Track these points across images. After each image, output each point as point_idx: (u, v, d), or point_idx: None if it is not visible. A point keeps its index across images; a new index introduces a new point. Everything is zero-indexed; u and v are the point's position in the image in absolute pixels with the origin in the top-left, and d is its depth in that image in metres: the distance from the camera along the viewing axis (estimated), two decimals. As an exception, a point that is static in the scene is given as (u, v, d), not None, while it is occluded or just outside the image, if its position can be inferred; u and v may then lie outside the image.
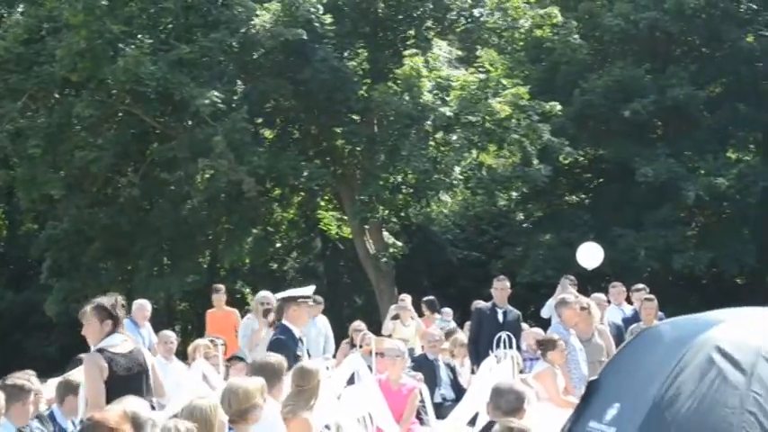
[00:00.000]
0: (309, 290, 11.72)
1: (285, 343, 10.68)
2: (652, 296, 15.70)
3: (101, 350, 8.76)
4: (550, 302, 16.97)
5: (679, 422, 4.64)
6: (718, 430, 4.58)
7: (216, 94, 27.09)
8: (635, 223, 33.55)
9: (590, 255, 18.72)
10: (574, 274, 18.47)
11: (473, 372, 14.60)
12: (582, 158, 37.43)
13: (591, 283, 24.31)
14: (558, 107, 31.50)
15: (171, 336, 14.78)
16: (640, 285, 16.97)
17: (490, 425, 6.68)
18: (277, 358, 9.69)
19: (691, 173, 33.28)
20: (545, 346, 13.15)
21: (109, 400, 8.14)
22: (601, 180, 38.57)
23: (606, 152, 36.47)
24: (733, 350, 4.84)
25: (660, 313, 15.67)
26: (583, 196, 39.11)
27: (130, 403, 6.91)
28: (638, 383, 4.91)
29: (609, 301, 16.95)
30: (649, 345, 5.26)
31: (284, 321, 11.03)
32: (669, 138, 36.14)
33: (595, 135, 36.47)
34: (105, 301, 8.96)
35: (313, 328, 17.93)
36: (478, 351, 14.09)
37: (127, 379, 8.70)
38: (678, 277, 34.56)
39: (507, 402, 6.99)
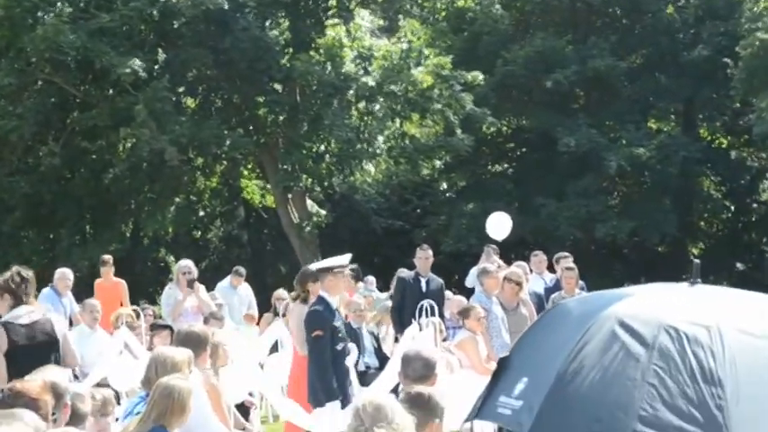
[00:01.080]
0: (345, 258, 11.60)
1: (323, 314, 10.60)
2: (573, 265, 15.76)
3: (3, 324, 8.78)
4: (473, 271, 17.05)
5: (582, 395, 4.71)
6: (619, 402, 4.58)
7: (137, 62, 26.83)
8: (557, 193, 33.81)
9: (499, 225, 18.76)
10: (498, 243, 18.56)
11: (396, 340, 14.65)
12: (505, 128, 37.67)
13: (514, 251, 24.54)
14: (481, 77, 31.65)
15: (96, 305, 14.65)
16: (563, 254, 17.01)
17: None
18: (201, 328, 9.67)
19: (612, 143, 33.60)
20: (463, 314, 13.29)
21: (12, 370, 8.15)
22: (523, 150, 38.82)
23: (528, 122, 36.73)
24: (635, 324, 4.84)
25: (581, 282, 15.76)
26: (506, 166, 39.35)
27: (50, 373, 6.85)
28: (545, 358, 4.97)
29: (531, 270, 17.03)
30: (557, 320, 5.32)
31: (321, 292, 10.93)
32: (591, 108, 36.46)
33: (518, 105, 36.69)
34: (1, 277, 8.98)
35: (235, 296, 17.92)
36: (402, 320, 14.11)
37: (30, 348, 8.67)
38: (600, 246, 34.94)
39: (414, 370, 7.02)
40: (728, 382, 4.62)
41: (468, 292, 16.53)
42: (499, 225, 18.70)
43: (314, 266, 11.76)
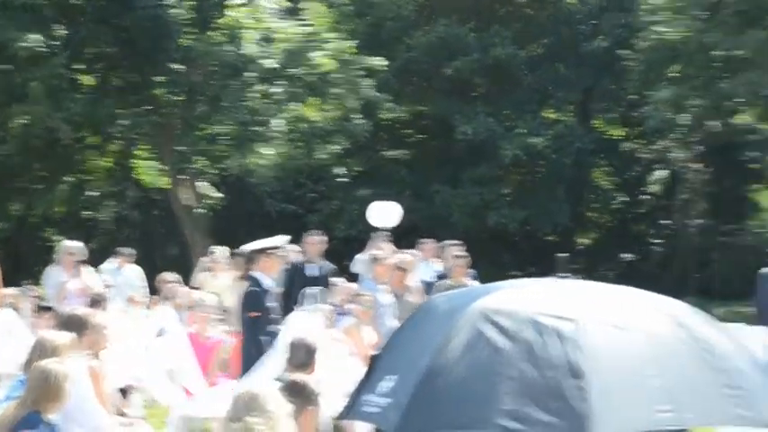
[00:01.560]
0: (279, 240, 11.56)
1: (259, 295, 10.56)
2: (463, 253, 15.89)
3: None
4: (359, 257, 17.07)
5: (449, 390, 4.77)
6: (487, 397, 4.64)
7: (36, 37, 26.34)
8: (453, 180, 34.02)
9: (383, 214, 18.79)
10: (390, 230, 18.59)
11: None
12: (403, 114, 37.71)
13: (406, 238, 24.59)
14: (384, 63, 31.65)
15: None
16: (452, 242, 17.12)
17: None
18: (83, 311, 9.59)
19: (508, 132, 33.85)
20: (351, 300, 13.34)
21: None
22: (421, 136, 38.90)
23: (427, 109, 36.82)
24: (501, 318, 4.91)
25: (472, 270, 15.92)
26: (402, 152, 39.39)
27: None
28: (414, 355, 5.01)
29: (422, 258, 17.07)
30: (425, 318, 5.37)
31: (255, 273, 10.89)
32: (489, 96, 36.69)
33: (418, 91, 36.82)
34: None
35: (119, 276, 17.75)
36: (289, 305, 14.11)
37: None
38: (492, 234, 35.16)
39: (297, 357, 7.07)
40: (593, 375, 4.69)
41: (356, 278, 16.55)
42: (383, 214, 18.72)
43: (248, 247, 11.73)
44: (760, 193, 39.55)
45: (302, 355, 7.14)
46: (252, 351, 10.47)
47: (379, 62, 31.17)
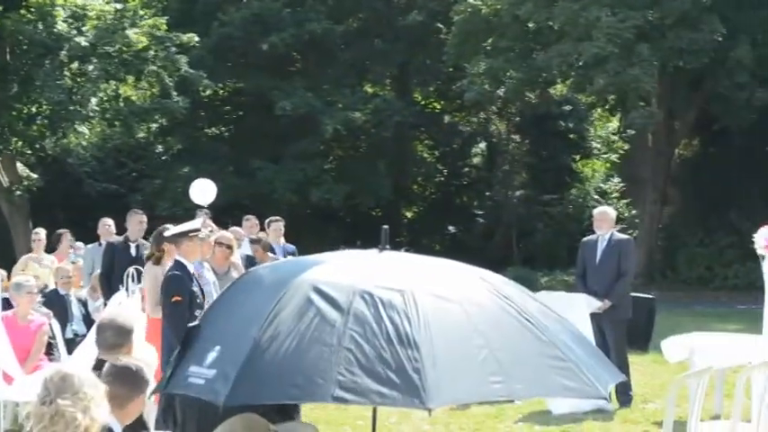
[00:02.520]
0: (198, 222, 11.20)
1: (182, 279, 10.20)
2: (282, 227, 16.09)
3: None
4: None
5: (278, 361, 4.73)
6: (317, 368, 4.63)
7: None
8: (274, 156, 33.96)
9: (202, 190, 18.71)
10: (213, 207, 18.44)
11: (105, 306, 14.36)
12: (221, 91, 37.43)
13: (230, 215, 24.41)
14: (196, 39, 31.32)
15: None
16: (274, 218, 17.06)
17: (99, 362, 6.54)
18: None
19: (328, 106, 33.86)
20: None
21: None
22: (240, 113, 38.66)
23: (245, 85, 36.54)
24: (330, 290, 4.90)
25: (292, 246, 15.93)
26: (222, 129, 39.11)
27: None
28: (239, 326, 4.96)
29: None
30: (248, 288, 5.31)
31: (178, 257, 10.52)
32: (307, 71, 36.71)
33: (235, 68, 36.52)
34: None
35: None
36: (111, 286, 13.84)
37: None
38: (316, 210, 35.19)
39: (105, 338, 6.87)
40: (424, 345, 4.70)
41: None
42: (203, 190, 18.63)
43: (169, 231, 11.41)
44: (579, 162, 40.47)
45: (111, 336, 6.89)
46: (172, 337, 10.22)
47: (190, 38, 30.85)
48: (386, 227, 5.49)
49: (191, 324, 5.63)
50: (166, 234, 11.39)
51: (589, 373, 5.13)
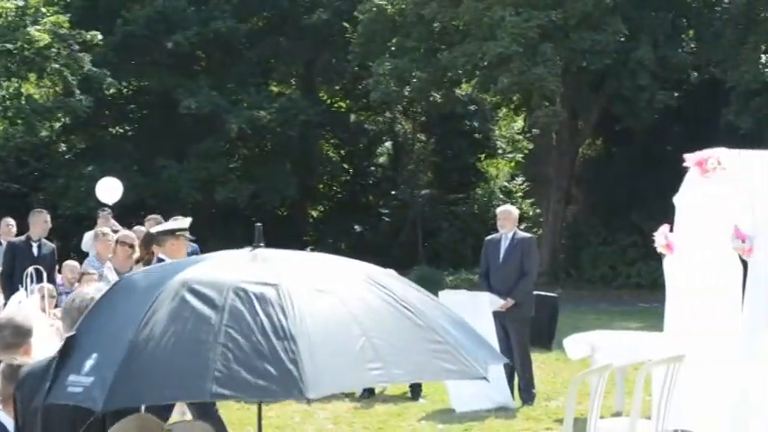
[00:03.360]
0: (186, 222, 11.02)
1: None
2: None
3: None
4: (89, 235, 16.78)
5: (156, 362, 4.70)
6: (195, 365, 4.60)
7: None
8: (179, 155, 33.83)
9: (108, 189, 18.62)
10: (118, 206, 18.34)
11: (5, 306, 14.19)
12: (125, 90, 37.13)
13: (135, 215, 24.25)
14: (100, 37, 31.05)
15: None
16: (178, 217, 16.95)
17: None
18: None
19: (234, 105, 33.76)
20: (79, 279, 13.09)
21: None
22: (145, 112, 38.36)
23: (150, 83, 36.25)
24: (204, 288, 4.86)
25: (195, 245, 15.86)
26: (127, 128, 38.76)
27: None
28: (115, 331, 4.94)
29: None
30: (124, 294, 5.29)
31: (161, 255, 10.34)
32: (212, 70, 36.58)
33: (139, 66, 36.22)
34: None
35: None
36: (12, 285, 13.68)
37: None
38: (221, 209, 35.05)
39: (2, 338, 6.78)
40: (301, 337, 4.69)
41: (85, 256, 16.25)
42: (109, 189, 18.52)
43: (155, 229, 11.26)
44: (484, 162, 40.81)
45: (8, 336, 6.80)
46: None
47: (94, 36, 30.59)
48: (259, 224, 5.46)
49: (67, 334, 5.60)
50: (154, 230, 11.37)
51: (468, 355, 5.18)
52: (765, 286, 9.35)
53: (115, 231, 15.22)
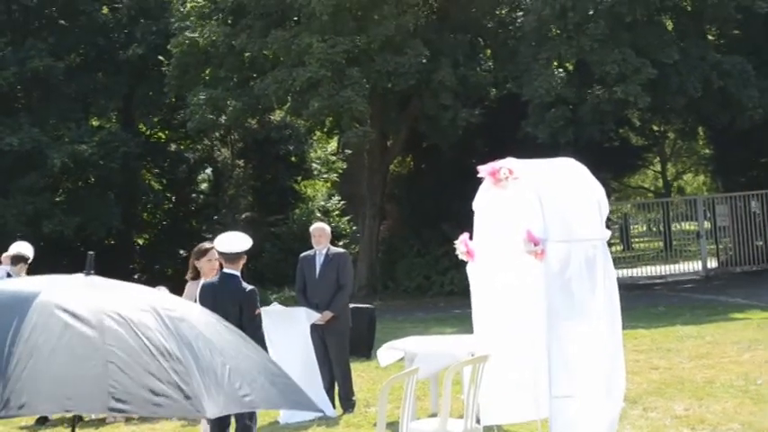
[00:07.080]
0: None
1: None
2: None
3: None
4: None
5: (46, 375, 4.70)
6: (86, 383, 4.73)
7: None
8: (3, 191, 33.92)
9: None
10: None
11: None
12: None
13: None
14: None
15: None
16: (22, 243, 17.23)
17: None
18: None
19: (55, 141, 34.13)
20: None
21: None
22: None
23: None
24: (78, 310, 4.96)
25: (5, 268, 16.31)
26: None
27: None
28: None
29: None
30: None
31: (233, 271, 10.97)
32: (33, 107, 36.85)
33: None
34: None
35: None
36: None
37: None
38: (49, 242, 35.27)
39: None
40: (185, 357, 4.92)
41: None
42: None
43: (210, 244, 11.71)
44: (301, 183, 41.78)
45: None
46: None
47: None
48: (91, 252, 5.64)
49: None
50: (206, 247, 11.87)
51: (306, 390, 5.71)
52: (560, 280, 9.74)
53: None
